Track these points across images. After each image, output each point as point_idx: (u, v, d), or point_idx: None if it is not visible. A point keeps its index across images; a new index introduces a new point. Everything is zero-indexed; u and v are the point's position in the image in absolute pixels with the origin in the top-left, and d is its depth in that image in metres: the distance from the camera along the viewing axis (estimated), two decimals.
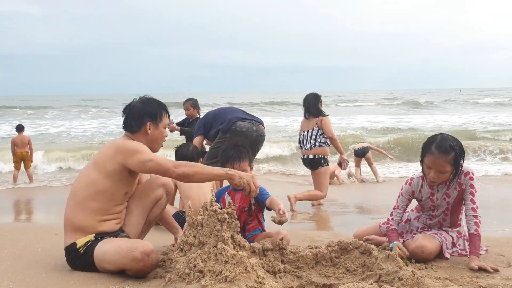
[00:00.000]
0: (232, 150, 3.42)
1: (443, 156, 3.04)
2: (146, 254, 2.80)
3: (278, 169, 10.43)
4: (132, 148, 2.94)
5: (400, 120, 22.06)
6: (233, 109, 5.37)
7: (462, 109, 30.92)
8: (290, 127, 19.38)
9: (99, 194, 2.98)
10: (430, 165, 3.11)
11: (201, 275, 2.37)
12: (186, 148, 4.74)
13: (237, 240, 2.71)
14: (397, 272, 2.62)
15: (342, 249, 3.04)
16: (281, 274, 2.81)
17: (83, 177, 3.07)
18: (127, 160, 2.92)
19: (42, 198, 7.50)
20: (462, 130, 16.67)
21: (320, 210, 5.95)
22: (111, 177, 2.97)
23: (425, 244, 3.15)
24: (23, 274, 2.98)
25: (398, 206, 3.41)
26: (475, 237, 3.09)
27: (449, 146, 3.05)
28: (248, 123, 5.00)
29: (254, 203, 3.42)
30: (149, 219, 3.30)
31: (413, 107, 32.61)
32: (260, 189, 3.43)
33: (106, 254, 2.86)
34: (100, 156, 3.03)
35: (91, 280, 2.84)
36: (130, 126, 3.14)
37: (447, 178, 3.15)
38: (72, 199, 3.04)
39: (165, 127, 3.20)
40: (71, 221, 3.00)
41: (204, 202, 2.66)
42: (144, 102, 3.18)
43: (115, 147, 2.99)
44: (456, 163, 3.07)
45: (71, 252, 2.99)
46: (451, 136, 3.15)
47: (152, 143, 3.14)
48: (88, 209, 2.98)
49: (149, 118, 3.12)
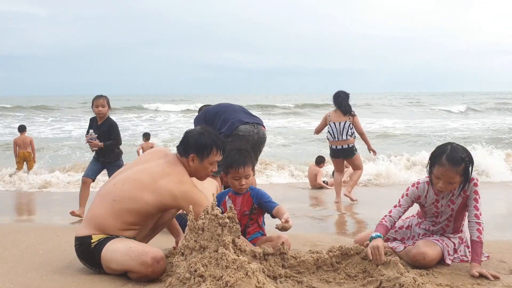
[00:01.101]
0: (236, 154, 3.40)
1: (453, 168, 3.00)
2: (157, 261, 2.81)
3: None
4: (197, 201, 2.97)
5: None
6: (235, 108, 5.21)
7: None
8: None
9: (141, 214, 3.00)
10: (439, 175, 3.07)
11: (202, 279, 2.37)
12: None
13: (238, 245, 2.71)
14: (398, 279, 2.62)
15: (343, 254, 3.04)
16: (282, 279, 2.81)
17: (134, 188, 3.01)
18: (186, 207, 2.91)
19: (44, 199, 7.51)
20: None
21: (322, 214, 5.95)
22: (161, 207, 3.04)
23: (426, 250, 3.14)
24: (24, 276, 2.99)
25: (400, 205, 3.32)
26: (477, 244, 3.07)
27: (460, 158, 3.00)
28: (249, 126, 4.96)
29: (256, 207, 3.42)
30: (157, 224, 3.32)
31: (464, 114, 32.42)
32: (264, 195, 3.42)
33: (114, 254, 2.85)
34: (164, 183, 2.99)
35: (91, 282, 2.84)
36: (179, 149, 3.20)
37: (455, 187, 3.12)
38: (112, 202, 2.99)
39: (211, 163, 3.18)
40: (98, 220, 2.97)
41: (205, 206, 2.66)
42: (200, 133, 3.17)
43: (182, 189, 3.00)
44: (466, 174, 3.04)
45: (83, 244, 2.97)
46: (461, 146, 3.11)
47: (193, 174, 3.18)
48: (122, 219, 2.97)
49: (195, 151, 3.12)
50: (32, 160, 10.32)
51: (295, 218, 5.48)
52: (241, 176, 3.33)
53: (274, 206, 3.30)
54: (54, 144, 15.63)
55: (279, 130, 21.00)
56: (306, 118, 28.11)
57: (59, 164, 11.36)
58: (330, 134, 6.55)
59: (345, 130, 6.42)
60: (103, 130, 5.75)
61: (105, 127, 5.77)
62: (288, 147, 15.56)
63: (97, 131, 5.74)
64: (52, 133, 20.13)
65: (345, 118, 6.45)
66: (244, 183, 3.35)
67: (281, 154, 13.60)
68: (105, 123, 5.81)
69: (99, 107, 5.74)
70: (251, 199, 3.43)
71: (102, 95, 5.85)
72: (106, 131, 5.74)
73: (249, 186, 3.45)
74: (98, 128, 5.78)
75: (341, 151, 6.52)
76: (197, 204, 2.92)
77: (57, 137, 18.36)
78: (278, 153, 13.69)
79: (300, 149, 14.97)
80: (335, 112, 6.57)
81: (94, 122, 5.89)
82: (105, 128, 5.76)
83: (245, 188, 3.41)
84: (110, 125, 5.82)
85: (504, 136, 17.45)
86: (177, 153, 3.21)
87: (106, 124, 5.80)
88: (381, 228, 3.22)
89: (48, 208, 6.61)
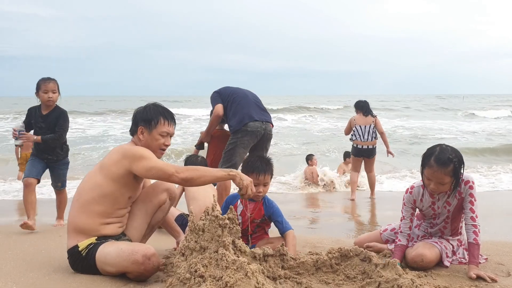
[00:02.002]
0: (259, 161, 3.42)
1: (442, 169, 3.05)
2: (147, 258, 2.83)
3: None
4: (137, 154, 2.98)
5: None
6: (249, 101, 5.17)
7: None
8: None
9: (104, 198, 3.02)
10: (429, 177, 3.12)
11: (202, 280, 2.40)
12: (194, 158, 4.89)
13: (238, 245, 2.74)
14: (397, 280, 2.64)
15: (342, 256, 3.06)
16: (281, 280, 2.83)
17: (88, 180, 3.11)
18: (132, 165, 2.96)
19: (46, 200, 7.54)
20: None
21: (322, 216, 5.97)
22: (116, 182, 3.01)
23: (424, 252, 3.16)
24: (26, 276, 3.01)
25: (403, 217, 3.37)
26: (474, 246, 3.09)
27: (447, 159, 3.05)
28: (258, 123, 5.04)
29: (266, 219, 3.46)
30: (152, 223, 3.33)
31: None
32: (277, 212, 3.43)
33: (107, 257, 2.89)
34: (107, 160, 3.07)
35: (93, 283, 2.87)
36: (131, 129, 3.22)
37: (447, 189, 3.16)
38: (77, 202, 3.08)
39: (161, 134, 3.14)
40: (74, 223, 3.04)
41: (206, 207, 2.69)
42: (145, 107, 3.21)
43: (121, 152, 3.03)
44: (456, 174, 3.08)
45: (73, 255, 3.03)
46: (450, 147, 3.15)
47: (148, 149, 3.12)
48: (92, 212, 3.01)
49: (142, 123, 3.14)
50: None
51: (295, 220, 5.52)
52: (260, 183, 3.34)
53: (285, 231, 3.37)
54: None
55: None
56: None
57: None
58: (356, 136, 7.46)
59: (370, 132, 7.38)
60: (51, 121, 4.76)
61: (53, 118, 4.76)
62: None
63: (42, 123, 4.76)
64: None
65: (370, 122, 7.42)
66: (261, 190, 3.37)
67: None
68: (53, 113, 4.78)
69: (49, 92, 4.69)
70: (263, 208, 3.45)
71: (50, 77, 4.76)
72: (54, 123, 4.76)
73: (265, 195, 3.47)
74: (44, 120, 4.76)
75: (365, 151, 7.43)
76: (141, 157, 2.96)
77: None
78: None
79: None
80: (359, 116, 7.50)
81: (37, 112, 4.82)
82: (53, 119, 4.76)
83: (261, 196, 3.42)
84: (60, 115, 4.80)
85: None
86: (132, 138, 3.22)
87: (54, 115, 4.78)
88: (399, 252, 3.28)
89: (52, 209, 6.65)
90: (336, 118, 29.50)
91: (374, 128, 7.44)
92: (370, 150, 7.47)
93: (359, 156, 7.57)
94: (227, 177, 2.99)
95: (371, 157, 7.52)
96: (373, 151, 7.49)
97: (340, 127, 19.30)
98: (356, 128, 7.48)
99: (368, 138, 7.41)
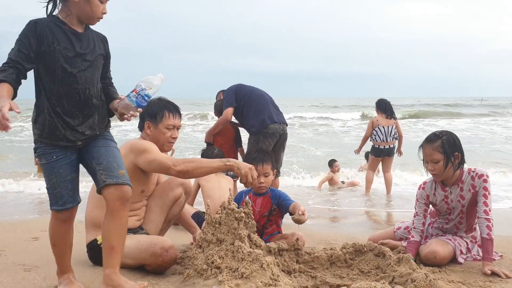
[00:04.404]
0: (256, 153, 3.56)
1: (430, 145, 3.22)
2: (165, 250, 2.89)
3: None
4: (141, 147, 3.04)
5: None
6: (266, 101, 5.30)
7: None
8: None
9: None
10: (424, 158, 3.29)
11: (218, 271, 2.46)
12: (211, 151, 4.91)
13: (253, 240, 2.79)
14: (410, 274, 2.66)
15: (356, 251, 3.10)
16: (296, 274, 2.88)
17: None
18: (137, 159, 3.02)
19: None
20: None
21: (338, 215, 5.99)
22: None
23: (437, 249, 3.18)
24: (48, 268, 3.10)
25: (417, 213, 3.42)
26: (488, 242, 3.09)
27: (434, 135, 3.25)
28: (277, 125, 5.21)
29: (275, 209, 3.49)
30: (169, 218, 3.40)
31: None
32: (283, 194, 3.50)
33: (126, 250, 2.95)
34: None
35: None
36: (139, 126, 3.30)
37: (442, 168, 3.22)
38: (92, 197, 3.16)
39: (167, 127, 3.20)
40: (91, 218, 3.12)
41: (222, 202, 2.75)
42: (150, 102, 3.22)
43: (128, 146, 3.10)
44: (445, 150, 3.19)
45: (92, 248, 3.10)
46: (443, 129, 3.35)
47: (156, 144, 3.17)
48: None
49: (148, 118, 3.21)
50: None
51: (311, 219, 5.54)
52: (259, 173, 3.39)
53: (290, 203, 3.37)
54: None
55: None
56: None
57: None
58: (379, 136, 7.56)
59: (391, 133, 7.55)
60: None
61: None
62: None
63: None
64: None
65: (392, 123, 7.57)
66: (262, 181, 3.43)
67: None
68: None
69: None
70: (270, 200, 3.50)
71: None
72: None
73: (269, 186, 3.52)
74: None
75: (386, 150, 7.62)
76: (144, 150, 3.00)
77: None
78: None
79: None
80: (381, 116, 7.63)
81: None
82: None
83: (264, 187, 3.47)
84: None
85: None
86: (141, 133, 3.30)
87: None
88: (413, 249, 3.33)
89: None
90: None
91: (395, 129, 7.59)
92: (391, 149, 7.66)
93: (380, 156, 7.73)
94: (224, 168, 3.01)
95: (391, 155, 7.72)
96: (393, 150, 7.69)
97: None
98: (380, 128, 7.58)
99: (389, 139, 7.58)
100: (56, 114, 2.41)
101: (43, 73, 2.40)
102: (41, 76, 2.40)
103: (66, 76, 2.41)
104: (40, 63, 2.38)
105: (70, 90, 2.42)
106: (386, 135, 7.56)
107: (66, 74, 2.40)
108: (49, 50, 2.36)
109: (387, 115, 7.60)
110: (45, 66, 2.38)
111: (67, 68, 2.40)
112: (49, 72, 2.39)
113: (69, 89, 2.42)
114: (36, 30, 2.33)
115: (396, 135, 7.61)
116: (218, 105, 5.80)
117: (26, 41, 2.31)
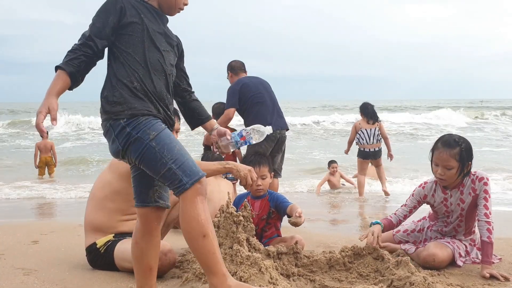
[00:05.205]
0: (252, 156, 3.59)
1: (447, 150, 3.13)
2: (164, 253, 2.89)
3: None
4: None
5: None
6: (267, 110, 5.30)
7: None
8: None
9: (116, 195, 3.10)
10: (436, 161, 3.20)
11: None
12: (211, 154, 4.95)
13: (252, 243, 2.80)
14: (409, 278, 2.66)
15: (355, 254, 3.10)
16: (295, 277, 2.88)
17: (99, 179, 3.22)
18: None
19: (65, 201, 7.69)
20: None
21: (337, 218, 5.99)
22: (125, 178, 3.05)
23: (436, 252, 3.17)
24: (48, 271, 3.11)
25: (405, 205, 3.47)
26: (487, 245, 3.08)
27: (453, 141, 3.16)
28: (274, 132, 5.25)
29: (273, 211, 3.49)
30: (168, 221, 3.40)
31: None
32: (280, 197, 3.50)
33: (125, 253, 2.97)
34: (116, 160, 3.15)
35: (111, 278, 2.95)
36: None
37: (454, 176, 3.17)
38: (91, 200, 3.17)
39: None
40: (90, 222, 3.12)
41: (221, 205, 2.75)
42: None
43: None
44: (462, 159, 3.12)
45: (91, 252, 3.11)
46: (459, 135, 3.26)
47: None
48: (106, 209, 3.10)
49: None
50: (53, 165, 10.51)
51: (310, 222, 5.54)
52: (257, 176, 3.40)
53: (288, 205, 3.37)
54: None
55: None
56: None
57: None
58: (362, 139, 7.78)
59: (374, 135, 7.72)
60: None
61: None
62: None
63: None
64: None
65: (374, 125, 7.76)
66: (260, 183, 3.43)
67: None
68: None
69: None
70: (268, 203, 3.51)
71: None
72: None
73: (266, 189, 3.52)
74: None
75: (372, 153, 7.80)
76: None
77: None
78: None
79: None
80: (363, 120, 7.85)
81: None
82: None
83: (262, 190, 3.48)
84: None
85: None
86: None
87: None
88: (385, 220, 3.43)
89: (69, 210, 6.79)
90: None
91: (379, 131, 7.78)
92: (377, 152, 7.84)
93: (367, 158, 7.91)
94: (223, 170, 3.00)
95: (378, 157, 7.88)
96: (379, 152, 7.86)
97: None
98: (362, 131, 7.82)
99: (373, 141, 7.77)
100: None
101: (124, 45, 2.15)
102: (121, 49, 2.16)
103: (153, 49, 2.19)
104: (123, 36, 2.16)
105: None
106: (369, 137, 7.75)
107: (153, 47, 2.19)
108: (134, 22, 2.15)
109: (368, 119, 7.81)
110: (128, 38, 2.16)
111: (155, 41, 2.19)
112: (132, 44, 2.16)
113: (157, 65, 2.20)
114: (117, 5, 2.14)
115: (379, 137, 7.77)
116: (216, 108, 5.80)
117: (103, 16, 2.12)
